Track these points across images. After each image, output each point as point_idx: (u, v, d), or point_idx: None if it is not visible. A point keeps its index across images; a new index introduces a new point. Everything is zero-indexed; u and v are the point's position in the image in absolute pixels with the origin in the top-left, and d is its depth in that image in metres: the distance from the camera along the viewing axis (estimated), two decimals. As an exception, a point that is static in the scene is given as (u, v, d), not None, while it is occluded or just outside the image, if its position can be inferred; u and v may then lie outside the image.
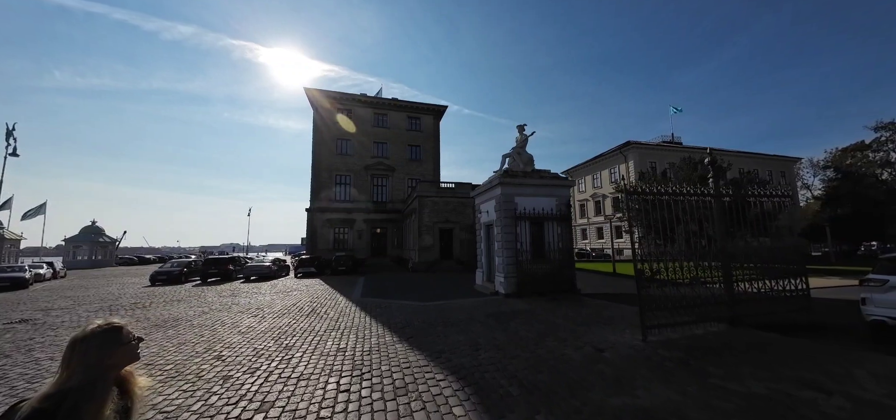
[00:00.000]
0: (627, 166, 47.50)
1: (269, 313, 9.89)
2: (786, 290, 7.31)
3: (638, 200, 6.62)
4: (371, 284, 16.35)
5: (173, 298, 13.89)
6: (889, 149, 36.59)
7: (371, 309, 9.93)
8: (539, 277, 11.24)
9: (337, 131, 33.92)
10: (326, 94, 34.27)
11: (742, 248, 7.18)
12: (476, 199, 14.54)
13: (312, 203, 31.59)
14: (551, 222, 11.88)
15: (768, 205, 7.56)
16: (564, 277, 11.53)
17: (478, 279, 13.67)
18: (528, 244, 11.43)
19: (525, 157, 13.17)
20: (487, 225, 13.25)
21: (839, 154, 42.56)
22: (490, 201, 12.77)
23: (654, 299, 6.33)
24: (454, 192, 23.97)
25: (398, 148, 35.49)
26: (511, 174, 11.97)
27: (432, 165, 36.50)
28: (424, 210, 22.80)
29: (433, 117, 38.08)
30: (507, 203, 11.57)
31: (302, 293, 14.12)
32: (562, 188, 12.40)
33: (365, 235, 31.80)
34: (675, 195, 6.92)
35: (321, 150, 32.98)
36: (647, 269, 6.36)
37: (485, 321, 7.87)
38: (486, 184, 12.94)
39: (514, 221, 11.35)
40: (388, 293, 13.01)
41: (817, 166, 47.18)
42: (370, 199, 33.08)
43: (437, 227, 22.78)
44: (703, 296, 6.74)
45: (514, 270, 11.12)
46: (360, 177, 33.42)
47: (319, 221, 31.25)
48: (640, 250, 6.35)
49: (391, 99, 36.36)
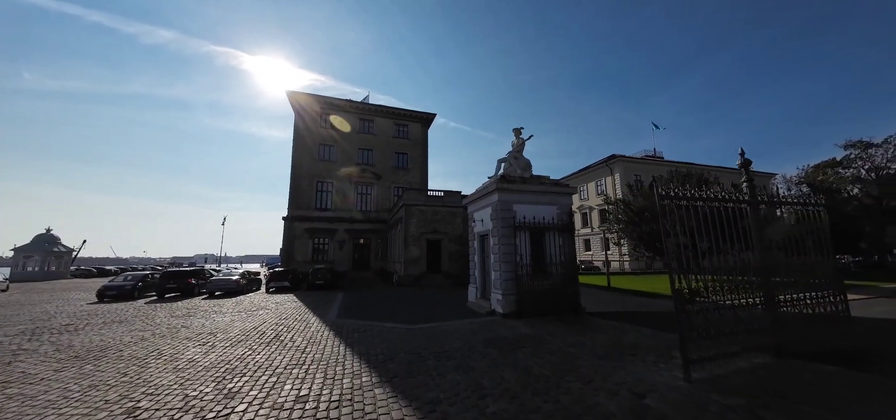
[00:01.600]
0: (613, 179, 47.82)
1: (222, 340, 8.17)
2: (828, 312, 6.36)
3: (671, 205, 5.53)
4: (351, 302, 14.66)
5: (115, 319, 11.84)
6: (858, 166, 38.15)
7: (348, 334, 8.37)
8: (540, 295, 10.01)
9: (320, 136, 32.23)
10: (310, 98, 32.66)
11: (782, 262, 6.20)
12: (469, 207, 13.31)
13: (290, 211, 29.53)
14: (552, 233, 10.75)
15: (801, 215, 6.66)
16: (568, 295, 10.35)
17: (471, 296, 12.31)
18: (527, 257, 10.22)
19: (522, 161, 12.09)
20: (482, 235, 11.99)
21: (812, 170, 44.21)
22: (485, 209, 11.56)
23: (696, 326, 5.19)
24: (443, 201, 22.69)
25: (384, 155, 34.07)
26: (509, 179, 10.83)
27: (420, 174, 35.23)
28: (411, 220, 21.37)
29: (421, 125, 37.02)
30: (505, 211, 10.37)
31: (269, 312, 12.32)
32: (563, 195, 11.35)
33: (347, 246, 29.89)
34: (711, 201, 5.89)
35: (302, 156, 31.13)
36: (685, 287, 5.22)
37: (485, 351, 6.51)
38: (480, 190, 11.74)
39: (513, 231, 10.14)
40: (370, 313, 11.43)
41: (791, 182, 49.00)
42: (353, 207, 31.32)
43: (424, 238, 21.35)
44: (745, 320, 5.66)
45: (513, 287, 9.85)
46: (344, 184, 31.69)
47: (298, 231, 29.16)
48: (675, 263, 5.21)
49: (378, 105, 35.12)
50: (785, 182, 53.16)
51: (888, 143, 35.94)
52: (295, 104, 32.53)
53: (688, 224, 5.51)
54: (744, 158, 6.50)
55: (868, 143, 37.47)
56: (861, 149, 37.79)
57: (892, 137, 36.06)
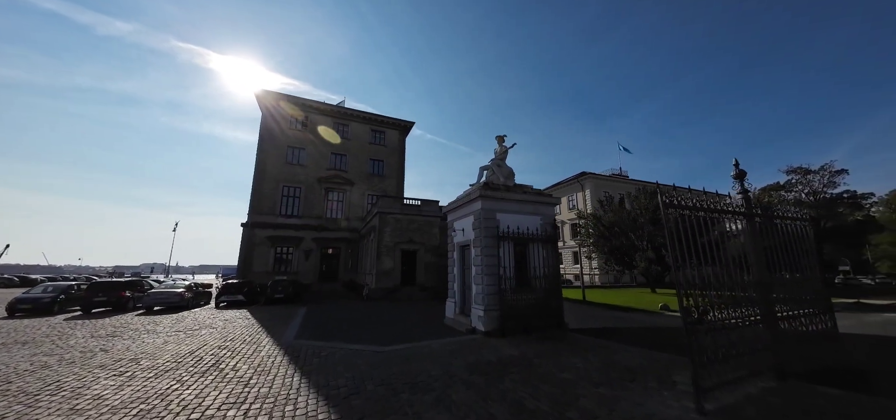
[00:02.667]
0: (584, 194, 49.30)
1: (146, 369, 6.64)
2: (819, 329, 6.16)
3: (675, 215, 5.04)
4: (313, 318, 13.18)
5: (18, 339, 9.73)
6: (799, 190, 41.98)
7: (305, 360, 7.13)
8: (524, 310, 9.32)
9: (289, 138, 30.26)
10: (281, 97, 30.73)
11: (777, 279, 5.94)
12: (449, 215, 12.50)
13: (251, 217, 27.14)
14: (536, 244, 10.19)
15: (790, 229, 6.51)
16: (552, 310, 9.75)
17: (449, 311, 11.38)
18: (511, 270, 9.53)
19: (505, 170, 11.54)
20: (462, 246, 11.19)
21: (759, 192, 48.20)
22: (467, 218, 10.80)
23: (706, 349, 4.65)
24: (419, 210, 21.73)
25: (359, 161, 32.63)
26: (493, 187, 10.19)
27: (396, 182, 34.06)
28: (385, 228, 20.17)
29: (399, 132, 36.07)
30: (489, 220, 9.67)
31: (214, 332, 10.63)
32: (547, 206, 10.88)
33: (313, 256, 27.86)
34: (711, 212, 5.50)
35: (267, 158, 28.97)
36: (694, 306, 4.69)
37: (469, 380, 5.62)
38: (461, 198, 11.00)
39: (496, 242, 9.43)
40: (334, 331, 10.12)
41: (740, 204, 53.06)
42: (322, 215, 29.43)
43: (399, 249, 20.17)
44: (750, 340, 5.24)
45: (496, 302, 9.07)
46: (313, 190, 29.79)
47: (258, 239, 26.79)
48: (682, 278, 4.69)
49: (354, 109, 33.78)
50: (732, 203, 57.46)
51: (824, 170, 40.05)
52: (263, 103, 30.45)
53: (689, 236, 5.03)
54: (738, 169, 6.26)
55: (806, 170, 41.49)
56: (801, 174, 41.76)
57: (826, 165, 40.21)
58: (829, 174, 39.58)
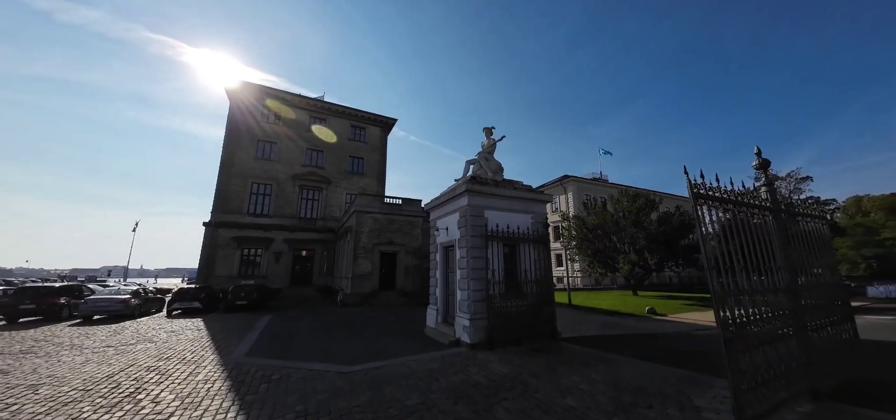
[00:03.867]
0: (567, 197, 49.50)
1: (40, 401, 5.11)
2: (844, 339, 5.52)
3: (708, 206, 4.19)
4: (276, 328, 11.66)
5: None
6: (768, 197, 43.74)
7: (252, 384, 5.79)
8: (514, 318, 8.34)
9: (260, 131, 28.18)
10: (252, 86, 28.61)
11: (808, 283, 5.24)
12: (431, 213, 11.39)
13: (215, 216, 24.88)
14: (527, 245, 9.26)
15: (811, 227, 5.88)
16: (544, 317, 8.83)
17: (430, 320, 10.23)
18: (500, 273, 8.54)
19: (493, 164, 10.58)
20: (446, 246, 10.10)
21: (730, 198, 50.05)
22: (451, 215, 9.73)
23: (745, 371, 3.79)
24: (400, 210, 20.45)
25: (337, 158, 30.91)
26: (480, 181, 9.18)
27: (377, 181, 32.55)
28: (363, 228, 18.75)
29: (380, 129, 34.61)
30: (476, 217, 8.64)
31: (151, 348, 8.99)
32: (538, 203, 9.99)
33: (285, 259, 25.88)
34: (739, 205, 4.72)
35: (235, 152, 26.79)
36: (730, 319, 3.83)
37: (454, 412, 4.52)
38: (445, 193, 9.92)
39: (484, 242, 8.42)
40: (296, 346, 8.73)
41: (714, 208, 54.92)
42: (296, 214, 27.51)
43: (377, 250, 18.80)
44: (784, 356, 4.46)
45: (483, 310, 8.04)
46: (286, 187, 27.82)
47: (222, 239, 24.56)
48: (718, 285, 3.82)
49: (333, 104, 32.04)
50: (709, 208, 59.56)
51: (790, 177, 42.05)
52: (232, 93, 28.24)
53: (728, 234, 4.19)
54: (761, 158, 5.54)
55: (775, 176, 43.48)
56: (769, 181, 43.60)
57: (793, 172, 42.13)
58: (795, 181, 41.55)
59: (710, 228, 4.31)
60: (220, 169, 26.55)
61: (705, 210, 4.28)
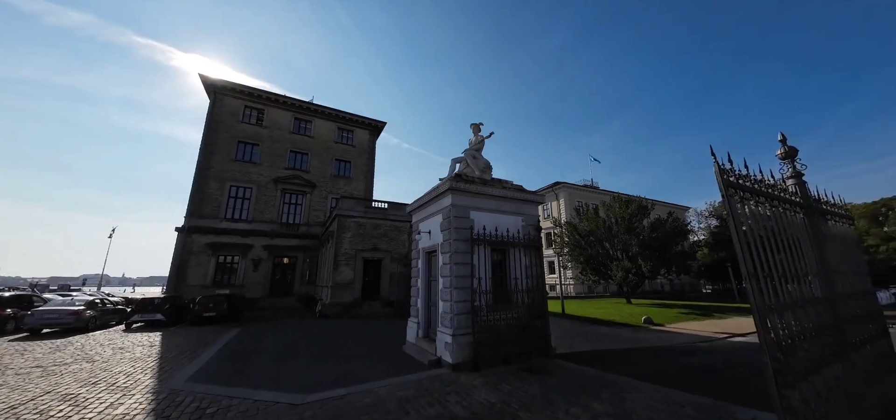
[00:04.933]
0: (559, 204, 49.18)
1: None
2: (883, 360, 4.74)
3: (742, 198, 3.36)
4: (237, 345, 10.42)
5: None
6: (754, 203, 44.12)
7: None
8: (503, 333, 7.38)
9: (240, 132, 26.89)
10: (232, 85, 27.35)
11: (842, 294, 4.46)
12: (413, 216, 10.43)
13: (188, 220, 23.35)
14: (517, 250, 8.36)
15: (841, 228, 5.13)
16: (536, 332, 7.90)
17: (410, 335, 9.18)
18: (487, 282, 7.61)
19: (481, 162, 9.72)
20: (429, 251, 9.12)
21: (719, 205, 50.41)
22: (434, 217, 8.79)
23: (799, 412, 2.91)
24: (386, 214, 19.39)
25: (322, 161, 29.73)
26: (466, 179, 8.29)
27: (364, 186, 31.42)
28: (345, 233, 17.61)
29: (369, 133, 33.60)
30: (461, 218, 7.72)
31: (86, 369, 7.70)
32: (530, 204, 9.13)
33: (264, 266, 24.41)
34: (773, 198, 3.91)
35: (213, 153, 25.40)
36: (778, 340, 2.96)
37: (423, 461, 3.51)
38: (428, 193, 8.99)
39: (470, 246, 7.48)
40: (252, 367, 7.55)
41: (702, 215, 55.37)
42: (277, 219, 26.13)
43: (360, 257, 17.65)
44: (831, 385, 3.61)
45: (468, 324, 7.06)
46: (266, 191, 26.46)
47: (196, 245, 23.01)
48: (758, 296, 2.96)
49: (319, 105, 30.96)
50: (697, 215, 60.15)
51: (776, 185, 42.33)
52: (210, 88, 26.94)
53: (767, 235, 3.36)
54: (787, 146, 4.78)
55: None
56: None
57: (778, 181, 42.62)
58: (781, 189, 41.86)
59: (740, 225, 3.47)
60: (197, 170, 25.11)
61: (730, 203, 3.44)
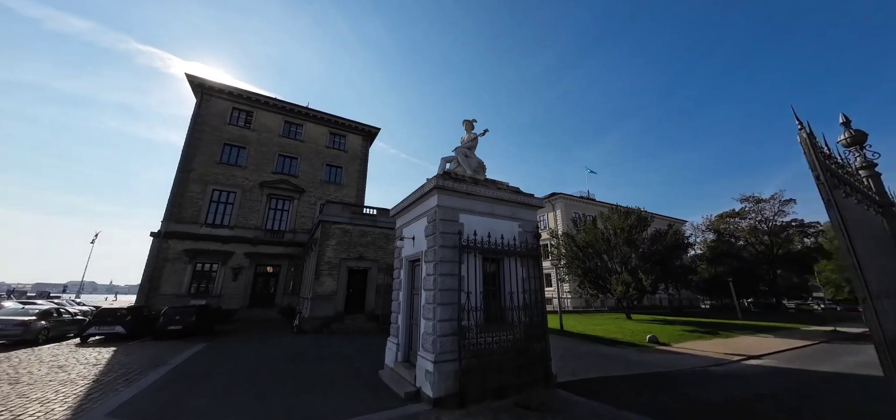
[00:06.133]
0: (555, 215, 48.37)
1: None
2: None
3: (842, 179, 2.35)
4: (191, 366, 9.12)
5: None
6: (752, 217, 43.70)
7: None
8: (496, 360, 6.23)
9: (226, 134, 25.80)
10: (219, 85, 26.38)
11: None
12: (397, 220, 9.35)
13: (165, 225, 21.98)
14: (513, 260, 7.28)
15: None
16: (535, 357, 6.75)
17: (389, 358, 7.96)
18: (478, 296, 6.49)
19: (474, 161, 8.70)
20: (412, 260, 8.00)
21: (716, 219, 49.87)
22: (418, 221, 7.70)
23: None
24: (375, 221, 18.25)
25: (312, 166, 28.65)
26: (455, 177, 7.24)
27: (356, 193, 30.31)
28: (329, 241, 16.39)
29: (362, 138, 32.68)
30: (448, 222, 6.64)
31: (6, 390, 6.40)
32: (527, 208, 8.09)
33: (245, 275, 22.98)
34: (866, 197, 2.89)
35: (197, 154, 24.23)
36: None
37: None
38: (413, 194, 7.92)
39: (457, 254, 6.39)
40: (189, 399, 6.27)
41: (699, 229, 54.77)
42: (261, 226, 24.82)
43: (344, 266, 16.41)
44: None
45: (453, 348, 5.91)
46: (252, 196, 25.23)
47: (172, 252, 21.59)
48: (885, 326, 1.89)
49: (310, 108, 30.05)
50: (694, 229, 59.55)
51: (774, 199, 42.11)
52: (197, 88, 25.94)
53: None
54: (852, 131, 3.79)
55: (758, 198, 43.50)
56: (753, 202, 43.66)
57: (776, 194, 42.26)
58: (779, 203, 41.69)
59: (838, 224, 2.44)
60: (178, 172, 23.87)
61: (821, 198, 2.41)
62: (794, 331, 19.44)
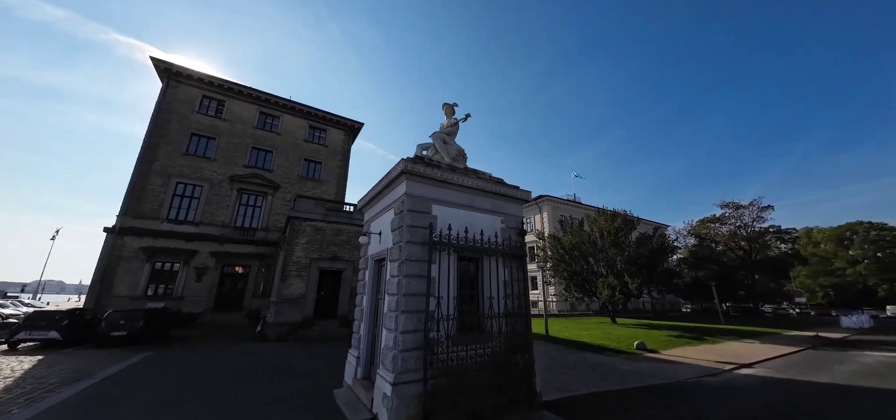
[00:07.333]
0: (542, 217, 48.12)
1: None
2: None
3: None
4: (120, 381, 7.74)
5: None
6: (732, 222, 44.52)
7: None
8: (471, 377, 5.22)
9: (194, 123, 23.95)
10: (187, 70, 24.51)
11: None
12: (365, 214, 8.24)
13: (121, 220, 20.02)
14: (494, 259, 6.30)
15: None
16: (517, 373, 5.78)
17: (348, 374, 6.83)
18: (451, 302, 5.48)
19: (453, 149, 7.71)
20: (378, 259, 6.92)
21: (697, 224, 50.69)
22: (385, 213, 6.64)
23: None
24: (351, 218, 17.00)
25: (289, 161, 27.04)
26: (427, 162, 6.22)
27: (335, 190, 28.83)
28: (299, 239, 15.04)
29: (344, 133, 31.21)
30: (418, 215, 5.61)
31: None
32: (512, 202, 7.15)
33: (210, 276, 21.19)
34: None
35: (160, 144, 22.32)
36: None
37: None
38: (380, 183, 6.84)
39: (427, 252, 5.36)
40: None
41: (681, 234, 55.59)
42: (230, 223, 23.06)
43: (315, 267, 15.09)
44: None
45: (417, 365, 4.86)
46: (220, 190, 23.45)
47: (128, 250, 19.66)
48: None
49: (288, 100, 28.44)
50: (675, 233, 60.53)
51: (753, 205, 43.02)
52: (165, 75, 24.01)
53: None
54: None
55: (737, 204, 44.37)
56: (733, 208, 44.52)
57: (755, 200, 43.19)
58: (758, 209, 42.63)
59: None
60: (138, 163, 21.89)
61: None
62: (776, 336, 19.29)
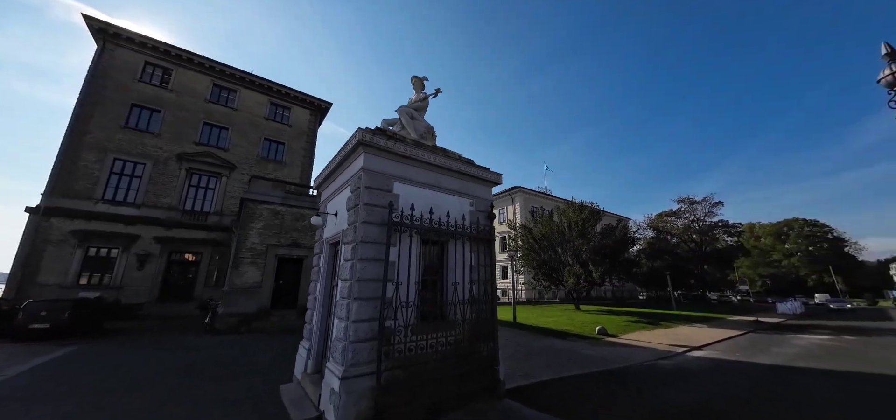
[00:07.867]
0: (515, 208, 48.86)
1: None
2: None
3: None
4: (30, 381, 6.59)
5: None
6: (687, 217, 47.81)
7: None
8: (430, 368, 4.85)
9: (137, 93, 21.30)
10: (127, 32, 21.63)
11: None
12: (322, 194, 7.53)
13: (47, 199, 17.47)
14: (461, 243, 5.93)
15: None
16: (480, 363, 5.50)
17: (298, 367, 6.23)
18: (411, 289, 5.03)
19: (422, 126, 7.18)
20: (333, 242, 6.30)
21: (656, 218, 54.00)
22: (342, 192, 6.02)
23: None
24: (314, 203, 15.95)
25: (247, 140, 24.96)
26: (389, 136, 5.65)
27: (300, 173, 27.10)
28: (254, 223, 13.85)
29: (310, 113, 29.30)
30: (376, 192, 5.06)
31: None
32: (481, 184, 6.78)
33: (155, 264, 19.17)
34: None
35: (93, 115, 19.62)
36: None
37: None
38: (335, 157, 6.18)
39: (385, 233, 4.85)
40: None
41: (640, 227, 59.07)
42: (178, 205, 20.95)
43: (273, 254, 14.02)
44: None
45: (371, 357, 4.40)
46: (166, 169, 21.16)
47: (56, 233, 17.24)
48: None
49: (247, 73, 26.14)
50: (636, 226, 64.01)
51: (706, 201, 46.47)
52: (100, 36, 21.03)
53: None
54: (890, 73, 2.89)
55: (692, 200, 47.74)
56: (688, 203, 47.84)
57: (708, 197, 46.62)
58: (710, 205, 46.14)
59: None
60: (67, 136, 19.18)
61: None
62: (722, 321, 20.88)
